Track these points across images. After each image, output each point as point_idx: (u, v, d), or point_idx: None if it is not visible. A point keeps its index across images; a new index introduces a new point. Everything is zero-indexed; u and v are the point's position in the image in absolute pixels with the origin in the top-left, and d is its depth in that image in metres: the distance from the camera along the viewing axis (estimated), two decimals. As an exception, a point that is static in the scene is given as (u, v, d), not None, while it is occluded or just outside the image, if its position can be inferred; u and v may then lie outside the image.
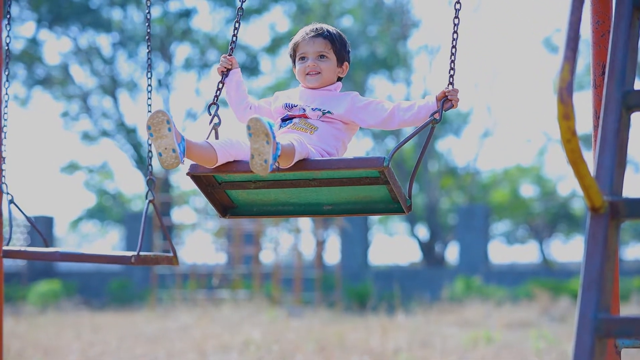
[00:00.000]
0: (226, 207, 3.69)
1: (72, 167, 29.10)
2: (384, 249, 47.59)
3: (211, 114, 3.58)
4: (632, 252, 32.62)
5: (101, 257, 4.44)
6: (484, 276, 20.14)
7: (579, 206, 29.67)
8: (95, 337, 10.14)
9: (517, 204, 30.22)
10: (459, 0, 3.50)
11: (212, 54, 26.54)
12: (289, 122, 3.57)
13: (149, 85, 4.58)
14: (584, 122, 23.18)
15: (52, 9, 24.66)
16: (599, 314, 2.23)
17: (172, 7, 25.86)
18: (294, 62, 3.70)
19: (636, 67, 2.66)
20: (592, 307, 2.23)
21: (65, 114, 26.74)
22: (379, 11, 25.65)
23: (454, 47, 3.51)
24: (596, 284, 2.26)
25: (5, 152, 4.70)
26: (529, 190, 31.57)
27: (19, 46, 24.75)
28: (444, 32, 29.23)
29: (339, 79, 3.71)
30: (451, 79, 3.50)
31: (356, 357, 8.11)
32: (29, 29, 25.85)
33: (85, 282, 22.03)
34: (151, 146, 4.62)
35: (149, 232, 18.24)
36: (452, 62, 3.50)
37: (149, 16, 4.54)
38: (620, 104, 2.51)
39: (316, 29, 3.66)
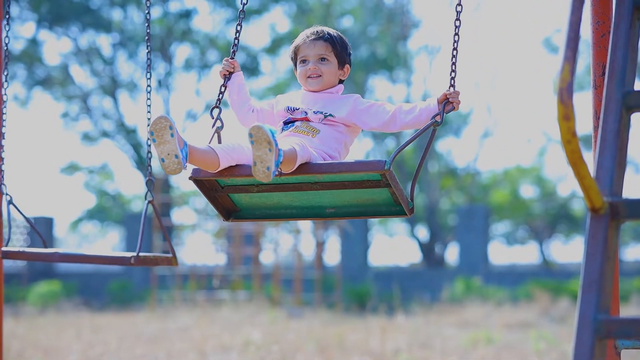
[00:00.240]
0: (229, 210, 3.69)
1: (72, 168, 29.11)
2: (384, 250, 47.57)
3: (214, 118, 3.58)
4: (632, 252, 32.62)
5: (100, 258, 4.43)
6: (484, 277, 20.14)
7: (579, 207, 29.67)
8: (95, 337, 10.14)
9: (517, 204, 30.22)
10: (460, 2, 3.49)
11: (212, 55, 26.54)
12: (291, 125, 3.57)
13: (149, 86, 4.58)
14: (584, 123, 23.21)
15: (52, 9, 24.66)
16: (598, 314, 2.23)
17: (172, 7, 25.87)
18: (295, 65, 3.70)
19: (636, 68, 2.65)
20: (592, 308, 2.23)
21: (65, 115, 26.73)
22: (379, 11, 25.64)
23: (455, 49, 3.51)
24: (596, 284, 2.26)
25: (4, 152, 4.69)
26: (529, 191, 31.57)
27: (19, 46, 24.75)
28: (444, 33, 29.25)
29: (341, 81, 3.71)
30: (452, 81, 3.50)
31: (356, 357, 8.11)
32: (29, 29, 25.86)
33: (85, 282, 22.03)
34: (150, 147, 4.63)
35: (148, 233, 18.24)
36: (453, 64, 3.50)
37: (148, 17, 4.54)
38: (620, 105, 2.50)
39: (317, 31, 3.66)
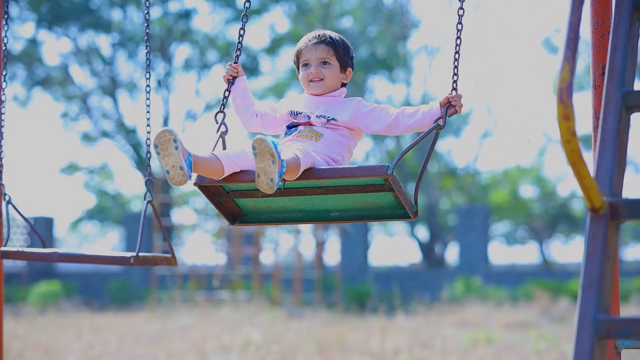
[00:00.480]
0: (235, 214, 3.70)
1: (72, 168, 29.11)
2: (384, 250, 47.60)
3: (218, 123, 3.59)
4: (632, 252, 32.63)
5: (100, 258, 4.42)
6: (484, 277, 20.14)
7: (578, 207, 29.66)
8: (95, 337, 10.13)
9: (517, 204, 30.21)
10: (462, 6, 3.48)
11: (212, 55, 26.54)
12: (294, 129, 3.58)
13: (148, 86, 4.58)
14: (583, 123, 23.19)
15: (52, 10, 24.66)
16: (598, 314, 2.23)
17: (172, 7, 25.87)
18: (298, 68, 3.71)
19: (636, 68, 2.65)
20: (592, 308, 2.23)
21: (65, 115, 26.73)
22: (379, 12, 25.64)
23: (457, 52, 3.50)
24: (596, 284, 2.26)
25: (3, 153, 4.69)
26: (528, 190, 31.56)
27: (18, 46, 24.75)
28: (444, 33, 29.28)
29: (343, 84, 3.71)
30: (454, 84, 3.49)
31: (356, 358, 8.11)
32: (28, 29, 25.86)
33: (85, 282, 22.02)
34: (149, 147, 4.63)
35: (148, 233, 18.23)
36: (455, 68, 3.50)
37: (147, 17, 4.53)
38: (620, 105, 2.50)
39: (319, 35, 3.66)
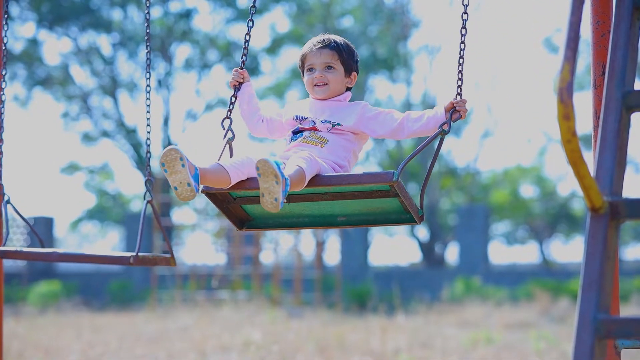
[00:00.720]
0: (242, 220, 3.71)
1: (72, 168, 29.11)
2: (384, 250, 47.59)
3: (225, 129, 3.61)
4: (632, 252, 32.65)
5: (99, 258, 4.41)
6: (484, 277, 20.13)
7: (579, 206, 29.66)
8: (95, 337, 10.13)
9: (517, 204, 30.22)
10: (466, 10, 3.48)
11: (213, 54, 26.54)
12: (299, 135, 3.60)
13: (148, 85, 4.58)
14: (584, 123, 23.20)
15: (53, 9, 24.66)
16: (598, 314, 2.23)
17: (173, 7, 25.87)
18: (303, 73, 3.72)
19: (636, 67, 2.65)
20: (592, 308, 2.23)
21: (65, 115, 26.73)
22: (379, 11, 25.64)
23: (462, 57, 3.50)
24: (596, 284, 2.26)
25: (2, 153, 4.68)
26: (529, 190, 31.57)
27: (19, 46, 24.75)
28: (444, 32, 29.27)
29: (348, 88, 3.71)
30: (459, 89, 3.49)
31: (356, 357, 8.11)
32: (29, 29, 25.86)
33: (85, 282, 22.03)
34: (149, 147, 4.65)
35: (149, 233, 18.23)
36: (459, 73, 3.49)
37: (148, 17, 4.54)
38: (620, 104, 2.50)
39: (323, 40, 3.67)
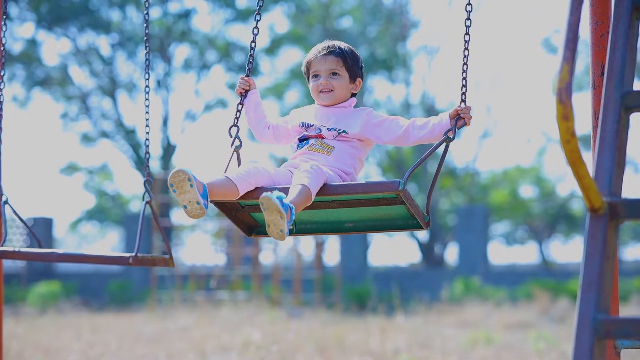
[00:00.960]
0: (251, 227, 3.74)
1: (72, 168, 29.10)
2: (383, 250, 47.62)
3: (232, 137, 3.63)
4: (632, 252, 32.65)
5: (98, 258, 4.41)
6: (484, 277, 20.13)
7: (578, 207, 29.66)
8: (95, 338, 10.13)
9: (516, 204, 30.21)
10: (470, 17, 3.48)
11: (211, 55, 26.52)
12: (306, 142, 3.61)
13: (147, 86, 4.58)
14: (583, 123, 23.18)
15: (51, 10, 24.66)
16: (598, 314, 2.23)
17: (172, 7, 25.86)
18: (308, 79, 3.73)
19: (635, 68, 2.65)
20: (592, 308, 2.23)
21: (64, 115, 26.73)
22: (378, 12, 25.64)
23: (465, 64, 3.50)
24: (595, 284, 2.26)
25: (1, 153, 4.68)
26: (528, 191, 31.56)
27: (18, 47, 24.74)
28: (443, 33, 29.27)
29: (353, 94, 3.72)
30: (463, 96, 3.49)
31: (356, 358, 8.11)
32: (28, 29, 25.87)
33: (84, 283, 22.02)
34: (148, 147, 4.65)
35: (148, 233, 18.22)
36: (464, 80, 3.49)
37: (147, 17, 4.53)
38: (619, 105, 2.50)
39: (328, 46, 3.67)
